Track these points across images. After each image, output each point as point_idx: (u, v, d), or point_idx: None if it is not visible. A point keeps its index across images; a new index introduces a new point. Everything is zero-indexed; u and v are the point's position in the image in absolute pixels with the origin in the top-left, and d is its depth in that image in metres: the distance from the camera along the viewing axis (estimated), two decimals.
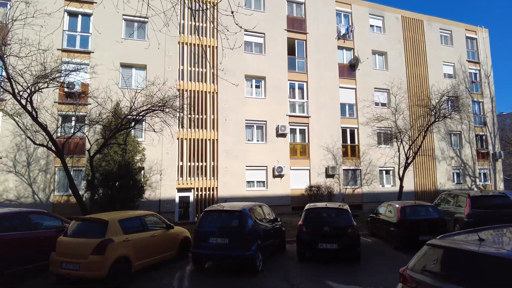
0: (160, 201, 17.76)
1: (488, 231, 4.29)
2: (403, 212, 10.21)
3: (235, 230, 7.89)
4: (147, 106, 12.47)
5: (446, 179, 24.90)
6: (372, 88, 22.87)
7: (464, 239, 3.96)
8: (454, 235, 4.28)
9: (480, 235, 3.83)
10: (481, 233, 3.93)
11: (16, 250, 7.24)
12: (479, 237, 3.75)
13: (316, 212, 9.41)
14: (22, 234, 7.53)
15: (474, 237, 3.89)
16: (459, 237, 4.11)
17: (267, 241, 8.85)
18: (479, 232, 3.87)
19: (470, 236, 4.13)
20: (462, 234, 4.25)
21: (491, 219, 10.79)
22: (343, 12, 23.59)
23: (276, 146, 20.31)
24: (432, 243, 4.08)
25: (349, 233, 8.66)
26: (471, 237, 4.01)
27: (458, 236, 4.21)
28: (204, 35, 19.81)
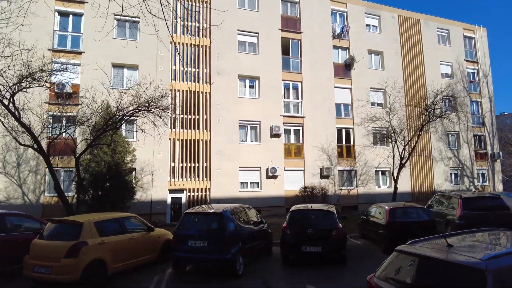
0: (152, 202, 17.59)
1: (457, 236, 4.08)
2: (392, 214, 9.98)
3: (215, 232, 7.71)
4: (134, 106, 12.31)
5: (444, 180, 24.60)
6: (368, 88, 22.62)
7: (433, 245, 3.75)
8: (424, 241, 4.07)
9: (449, 241, 3.62)
10: (450, 239, 3.72)
11: None
12: (447, 243, 3.55)
13: (301, 214, 9.20)
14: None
15: (444, 243, 3.69)
16: (429, 243, 3.90)
17: (251, 243, 8.65)
18: (448, 238, 3.66)
19: (440, 242, 3.93)
20: (432, 240, 4.04)
21: (483, 221, 10.54)
22: (338, 11, 23.37)
23: (270, 146, 20.11)
24: (400, 249, 3.88)
25: (333, 235, 8.45)
26: (441, 243, 3.80)
27: (428, 242, 4.00)
28: (197, 34, 19.65)
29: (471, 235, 4.20)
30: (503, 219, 10.55)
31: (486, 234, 4.21)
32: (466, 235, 4.18)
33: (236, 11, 20.55)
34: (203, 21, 19.91)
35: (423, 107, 15.87)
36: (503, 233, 4.37)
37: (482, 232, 4.39)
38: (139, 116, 13.75)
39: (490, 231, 4.58)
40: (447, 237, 4.06)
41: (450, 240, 3.90)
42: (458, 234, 4.32)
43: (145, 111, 12.24)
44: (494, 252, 3.10)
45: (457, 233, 4.40)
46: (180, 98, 18.82)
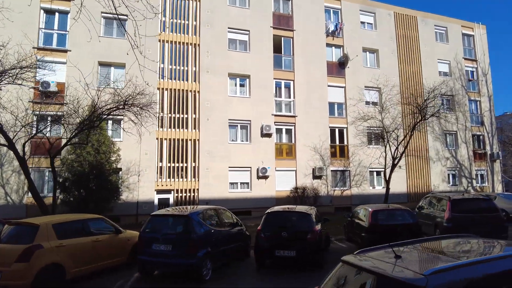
0: (138, 203, 17.27)
1: (414, 245, 3.64)
2: (375, 217, 9.54)
3: (180, 236, 7.33)
4: (111, 105, 11.98)
5: (441, 181, 24.03)
6: (362, 86, 22.13)
7: (381, 255, 3.32)
8: (373, 250, 3.64)
9: (396, 251, 3.19)
10: (398, 249, 3.29)
11: None
12: (395, 254, 3.12)
13: (276, 216, 8.79)
14: None
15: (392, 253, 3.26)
16: (377, 252, 3.47)
17: (224, 247, 8.26)
18: (395, 248, 3.23)
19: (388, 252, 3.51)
20: (381, 249, 3.61)
21: (471, 224, 10.09)
22: (332, 8, 22.92)
23: (261, 146, 19.70)
24: (345, 259, 3.45)
25: (308, 238, 8.02)
26: (389, 254, 3.39)
27: (377, 251, 3.57)
28: (186, 32, 19.31)
29: (431, 243, 3.77)
30: (492, 221, 10.10)
31: (450, 242, 3.78)
32: (422, 243, 3.74)
33: (227, 9, 20.20)
34: (193, 19, 19.56)
35: (415, 106, 15.37)
36: (470, 240, 3.93)
37: (447, 240, 3.96)
38: (118, 115, 13.45)
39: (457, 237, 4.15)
40: (404, 245, 3.64)
41: (403, 249, 3.49)
42: (417, 241, 3.87)
43: (123, 109, 11.88)
44: (439, 266, 2.68)
45: (417, 241, 3.96)
46: (168, 96, 18.49)
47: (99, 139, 15.18)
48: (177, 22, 19.24)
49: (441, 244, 3.64)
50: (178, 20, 19.29)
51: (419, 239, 3.99)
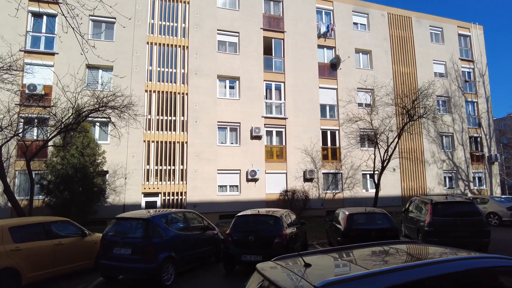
0: (125, 205, 17.15)
1: (337, 252, 3.41)
2: (350, 220, 9.27)
3: (139, 240, 7.15)
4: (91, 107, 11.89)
5: (437, 183, 23.58)
6: (354, 88, 21.80)
7: (294, 263, 3.11)
8: (291, 257, 3.42)
9: (308, 259, 2.98)
10: (308, 257, 3.07)
11: None
12: (304, 262, 2.91)
13: (245, 220, 8.58)
14: None
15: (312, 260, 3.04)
16: (291, 260, 3.25)
17: (190, 251, 8.07)
18: (305, 257, 3.01)
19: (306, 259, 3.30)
20: (297, 257, 3.39)
21: (452, 228, 9.79)
22: (324, 9, 22.72)
23: (250, 149, 19.51)
24: (257, 267, 3.24)
25: (275, 243, 7.79)
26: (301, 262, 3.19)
27: (292, 258, 3.35)
28: (174, 34, 19.25)
29: (359, 250, 3.53)
30: (473, 225, 9.77)
31: (377, 249, 3.53)
32: (351, 250, 3.51)
33: (216, 11, 20.12)
34: (181, 21, 19.51)
35: (401, 107, 15.05)
36: (402, 247, 3.68)
37: (376, 247, 3.71)
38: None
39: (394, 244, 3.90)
40: (328, 252, 3.41)
41: (322, 256, 3.27)
42: (347, 248, 3.64)
43: (102, 111, 11.79)
44: (333, 278, 2.45)
45: (349, 247, 3.72)
46: (156, 99, 18.41)
47: (83, 141, 15.14)
48: (165, 25, 19.19)
49: (365, 252, 3.41)
50: (167, 22, 19.24)
51: (352, 246, 3.75)
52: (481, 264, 2.91)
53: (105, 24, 18.42)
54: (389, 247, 3.61)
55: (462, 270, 2.76)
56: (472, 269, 2.85)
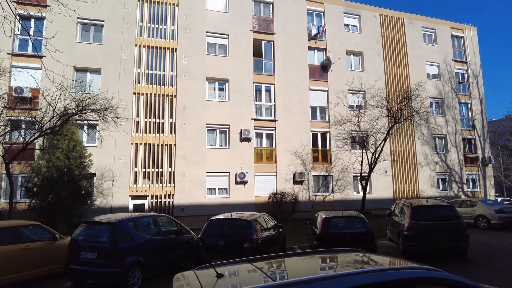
0: (112, 208, 17.12)
1: (255, 262, 3.34)
2: (325, 224, 9.17)
3: (105, 244, 7.11)
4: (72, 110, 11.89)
5: (430, 186, 23.42)
6: (345, 90, 21.73)
7: (208, 273, 3.04)
8: (229, 264, 3.36)
9: (221, 270, 2.91)
10: (222, 268, 3.01)
11: None
12: (216, 273, 2.85)
13: (217, 224, 8.51)
14: None
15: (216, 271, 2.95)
16: (209, 270, 3.18)
17: (160, 256, 8.00)
18: (217, 267, 2.95)
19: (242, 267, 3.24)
20: (238, 264, 3.32)
21: (431, 232, 9.67)
22: (315, 11, 22.67)
23: (240, 151, 19.45)
24: (175, 276, 3.19)
25: (244, 248, 7.71)
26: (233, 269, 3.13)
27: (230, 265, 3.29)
28: (163, 37, 19.25)
29: (283, 259, 3.44)
30: (452, 229, 9.63)
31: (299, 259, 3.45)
32: (283, 258, 3.44)
33: (206, 13, 20.11)
34: (170, 23, 19.52)
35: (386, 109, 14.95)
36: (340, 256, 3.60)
37: (316, 254, 3.64)
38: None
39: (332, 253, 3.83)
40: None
41: (241, 266, 3.21)
42: (271, 257, 3.53)
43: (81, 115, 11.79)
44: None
45: (272, 256, 3.60)
46: (144, 101, 18.41)
47: (69, 144, 15.14)
48: (154, 27, 19.20)
49: (292, 261, 3.33)
50: (156, 25, 19.25)
51: (286, 254, 3.68)
52: (400, 276, 2.84)
53: (94, 27, 18.45)
54: (324, 256, 3.54)
55: (376, 282, 2.70)
56: (391, 280, 2.78)
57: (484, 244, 12.10)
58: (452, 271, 8.50)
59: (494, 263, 9.19)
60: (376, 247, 8.82)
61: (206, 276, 2.90)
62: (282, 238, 10.50)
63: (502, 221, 15.17)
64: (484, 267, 8.87)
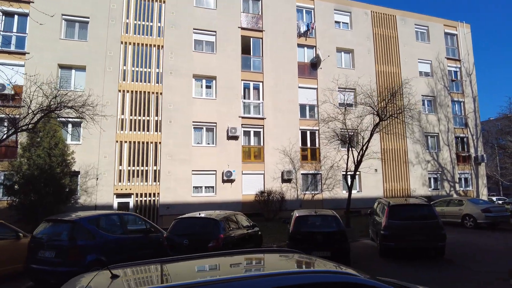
0: (96, 206, 16.99)
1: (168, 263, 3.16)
2: (297, 223, 8.98)
3: (63, 242, 6.96)
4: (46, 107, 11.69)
5: (421, 185, 23.19)
6: (335, 87, 21.38)
7: (101, 275, 2.86)
8: (132, 266, 3.18)
9: (117, 272, 2.73)
10: (119, 270, 2.83)
11: None
12: (111, 274, 2.67)
13: (185, 223, 8.35)
14: None
15: None
16: (119, 270, 3.00)
17: (124, 255, 7.81)
18: (114, 270, 2.77)
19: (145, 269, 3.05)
20: (142, 266, 3.14)
21: (408, 232, 9.48)
22: (305, 8, 22.42)
23: (227, 149, 19.27)
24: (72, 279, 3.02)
25: (209, 247, 7.53)
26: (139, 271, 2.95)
27: (133, 267, 3.11)
28: (149, 34, 19.06)
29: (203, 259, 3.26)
30: (429, 229, 9.44)
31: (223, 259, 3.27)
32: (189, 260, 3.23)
33: (193, 10, 19.91)
34: (157, 20, 19.32)
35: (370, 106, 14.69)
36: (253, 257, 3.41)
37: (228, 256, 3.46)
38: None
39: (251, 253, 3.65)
40: None
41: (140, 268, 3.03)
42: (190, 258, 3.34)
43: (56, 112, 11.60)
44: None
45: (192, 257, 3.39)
46: (129, 98, 18.24)
47: (50, 142, 14.99)
48: (140, 24, 19.01)
49: (199, 262, 3.15)
50: (142, 21, 19.06)
51: (199, 255, 3.45)
52: (313, 280, 2.67)
53: (79, 23, 18.28)
54: (249, 256, 3.37)
55: (282, 286, 2.53)
56: (299, 284, 2.61)
57: (467, 244, 11.91)
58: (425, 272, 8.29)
59: (470, 263, 9.00)
60: (348, 247, 8.62)
61: (101, 277, 2.73)
62: (257, 237, 10.33)
63: (489, 221, 14.96)
64: (459, 267, 8.68)
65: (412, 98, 19.87)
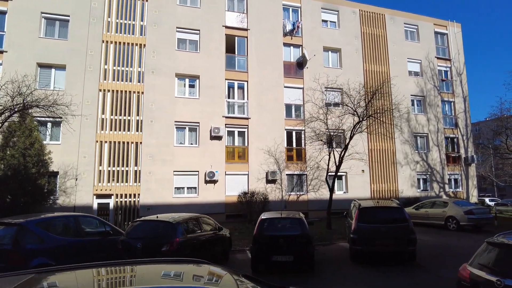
0: (75, 207, 16.77)
1: None
2: (261, 226, 8.71)
3: (6, 246, 6.71)
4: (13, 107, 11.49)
5: (410, 186, 22.89)
6: (319, 87, 21.10)
7: None
8: None
9: None
10: None
11: None
12: None
13: (141, 226, 8.11)
14: None
15: None
16: None
17: (77, 258, 7.57)
18: None
19: None
20: None
21: (377, 236, 9.19)
22: (291, 6, 22.15)
23: (210, 149, 19.02)
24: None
25: (163, 251, 7.29)
26: None
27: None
28: (132, 33, 18.83)
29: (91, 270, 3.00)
30: (399, 232, 9.14)
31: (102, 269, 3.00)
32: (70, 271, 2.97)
33: (176, 8, 19.66)
34: (139, 19, 19.09)
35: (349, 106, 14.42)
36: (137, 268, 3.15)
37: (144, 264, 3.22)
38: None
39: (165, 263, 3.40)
40: None
41: None
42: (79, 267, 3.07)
43: (22, 111, 11.39)
44: None
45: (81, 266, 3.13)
46: (110, 98, 18.00)
47: (25, 142, 14.78)
48: (122, 23, 18.77)
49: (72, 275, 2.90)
50: (124, 20, 18.81)
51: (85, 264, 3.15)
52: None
53: (59, 22, 18.06)
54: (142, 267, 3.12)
55: None
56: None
57: (444, 247, 11.64)
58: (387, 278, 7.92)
59: (439, 268, 8.72)
60: (312, 251, 8.35)
61: None
62: (224, 241, 10.09)
63: (472, 223, 14.67)
64: (426, 272, 8.40)
65: (395, 98, 19.65)
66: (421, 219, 16.68)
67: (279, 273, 8.46)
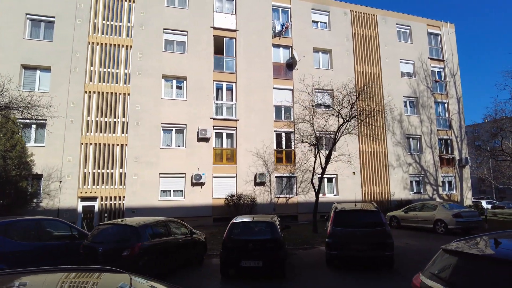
0: (59, 210, 16.58)
1: None
2: (230, 230, 8.46)
3: None
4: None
5: (402, 188, 22.56)
6: (312, 89, 20.89)
7: None
8: None
9: None
10: None
11: None
12: None
13: (105, 230, 7.89)
14: None
15: None
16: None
17: (41, 263, 7.38)
18: None
19: None
20: None
21: (352, 240, 8.91)
22: (281, 7, 21.97)
23: (197, 151, 18.81)
24: None
25: (123, 256, 7.06)
26: None
27: None
28: (118, 34, 18.70)
29: None
30: (375, 237, 8.86)
31: None
32: None
33: (163, 9, 19.52)
34: (126, 20, 18.97)
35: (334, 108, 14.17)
36: None
37: None
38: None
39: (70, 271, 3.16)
40: None
41: None
42: None
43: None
44: None
45: None
46: (96, 100, 17.85)
47: (6, 144, 14.63)
48: (109, 24, 18.65)
49: None
50: (110, 21, 18.69)
51: None
52: None
53: (44, 23, 17.96)
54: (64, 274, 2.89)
55: None
56: None
57: (426, 251, 11.29)
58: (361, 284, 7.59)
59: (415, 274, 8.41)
60: (284, 256, 8.10)
61: None
62: (198, 245, 9.84)
63: (460, 226, 14.36)
64: (402, 279, 8.10)
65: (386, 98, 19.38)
66: (410, 222, 16.40)
67: (249, 278, 8.22)
